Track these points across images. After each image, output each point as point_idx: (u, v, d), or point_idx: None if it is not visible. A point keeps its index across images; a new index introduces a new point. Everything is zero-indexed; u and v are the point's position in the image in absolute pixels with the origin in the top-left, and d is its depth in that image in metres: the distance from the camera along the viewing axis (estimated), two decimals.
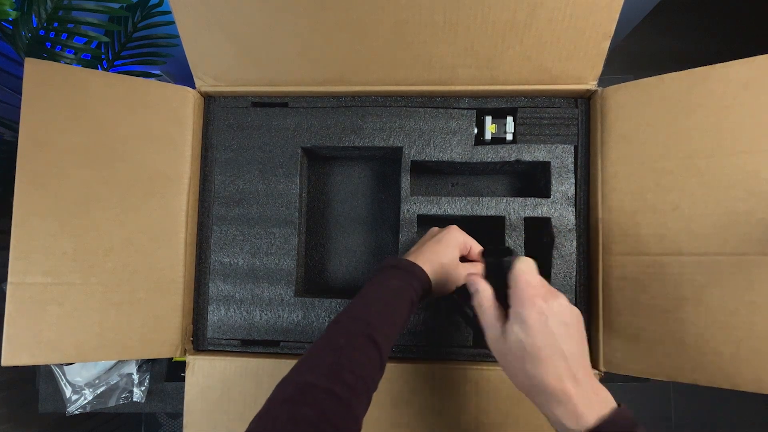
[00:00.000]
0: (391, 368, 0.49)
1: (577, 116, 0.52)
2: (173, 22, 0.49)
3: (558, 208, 0.51)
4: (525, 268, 0.35)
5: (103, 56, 0.76)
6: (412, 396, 0.49)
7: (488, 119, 0.53)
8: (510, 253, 0.39)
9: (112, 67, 0.78)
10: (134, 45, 0.78)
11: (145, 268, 0.49)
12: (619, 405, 0.32)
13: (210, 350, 0.53)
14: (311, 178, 0.60)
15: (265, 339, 0.52)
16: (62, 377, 0.63)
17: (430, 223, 0.58)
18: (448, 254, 0.43)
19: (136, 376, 0.64)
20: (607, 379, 0.48)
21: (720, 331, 0.41)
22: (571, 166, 0.51)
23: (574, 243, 0.51)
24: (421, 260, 0.41)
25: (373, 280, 0.40)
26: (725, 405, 1.24)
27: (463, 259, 0.45)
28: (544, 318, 0.33)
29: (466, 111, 0.53)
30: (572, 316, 0.34)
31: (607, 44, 0.47)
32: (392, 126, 0.53)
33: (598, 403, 0.31)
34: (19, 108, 0.46)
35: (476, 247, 0.45)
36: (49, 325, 0.46)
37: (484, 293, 0.37)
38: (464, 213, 0.51)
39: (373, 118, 0.53)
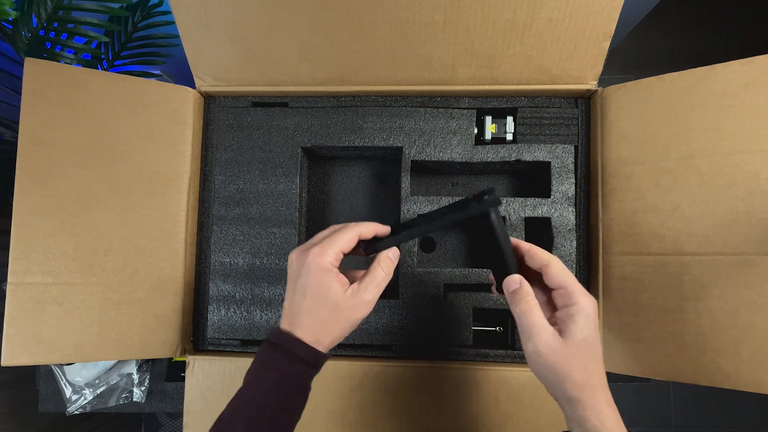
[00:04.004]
0: (391, 368, 0.49)
1: (577, 116, 0.52)
2: (173, 22, 0.49)
3: (558, 208, 0.51)
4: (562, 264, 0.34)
5: (103, 56, 0.76)
6: (412, 396, 0.49)
7: (488, 119, 0.53)
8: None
9: (112, 67, 0.78)
10: (134, 45, 0.78)
11: (145, 268, 0.49)
12: None
13: (210, 350, 0.54)
14: (311, 178, 0.60)
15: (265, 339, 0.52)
16: (62, 377, 0.63)
17: None
18: (326, 304, 0.33)
19: (136, 376, 0.64)
20: (608, 379, 0.48)
21: (720, 331, 0.41)
22: (571, 166, 0.51)
23: (574, 243, 0.51)
24: (299, 326, 0.34)
25: (252, 367, 0.34)
26: (725, 405, 1.24)
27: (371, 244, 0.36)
28: (595, 313, 0.33)
29: (466, 111, 0.53)
30: None
31: (607, 44, 0.47)
32: (392, 126, 0.53)
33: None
34: (19, 108, 0.46)
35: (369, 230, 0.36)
36: (49, 325, 0.46)
37: (531, 294, 0.34)
38: None
39: (373, 118, 0.53)
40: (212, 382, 0.50)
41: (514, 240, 0.36)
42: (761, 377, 0.39)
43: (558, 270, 0.33)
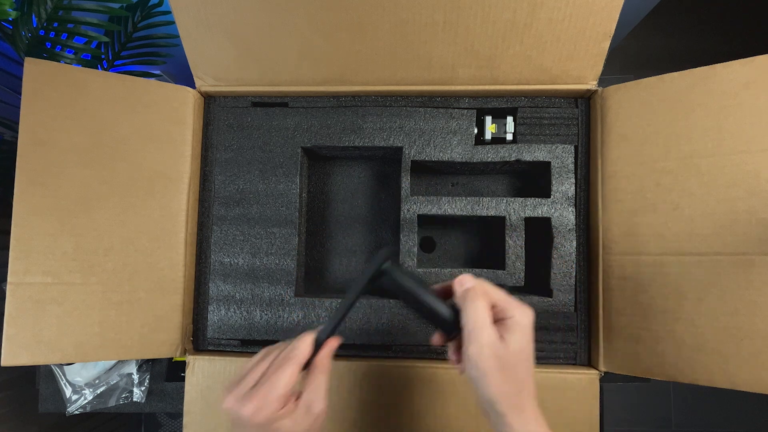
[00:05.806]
0: (391, 367, 0.49)
1: (577, 116, 0.52)
2: (173, 22, 0.49)
3: (558, 208, 0.51)
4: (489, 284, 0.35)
5: (103, 56, 0.76)
6: (412, 396, 0.49)
7: (488, 119, 0.53)
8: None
9: (112, 67, 0.78)
10: (134, 45, 0.78)
11: (145, 268, 0.49)
12: None
13: (210, 350, 0.53)
14: (311, 178, 0.60)
15: (265, 339, 0.52)
16: (62, 377, 0.63)
17: (430, 222, 0.59)
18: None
19: (136, 376, 0.64)
20: (607, 379, 0.48)
21: (720, 331, 0.41)
22: (571, 166, 0.51)
23: (574, 243, 0.51)
24: None
25: None
26: (725, 405, 1.24)
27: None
28: (531, 326, 0.34)
29: (466, 111, 0.53)
30: None
31: (607, 44, 0.47)
32: (392, 126, 0.53)
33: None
34: (19, 108, 0.46)
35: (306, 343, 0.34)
36: (49, 325, 0.46)
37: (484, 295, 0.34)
38: (464, 213, 0.51)
39: (373, 118, 0.53)
40: (212, 382, 0.50)
41: (437, 285, 0.37)
42: (761, 377, 0.39)
43: (488, 288, 0.34)
